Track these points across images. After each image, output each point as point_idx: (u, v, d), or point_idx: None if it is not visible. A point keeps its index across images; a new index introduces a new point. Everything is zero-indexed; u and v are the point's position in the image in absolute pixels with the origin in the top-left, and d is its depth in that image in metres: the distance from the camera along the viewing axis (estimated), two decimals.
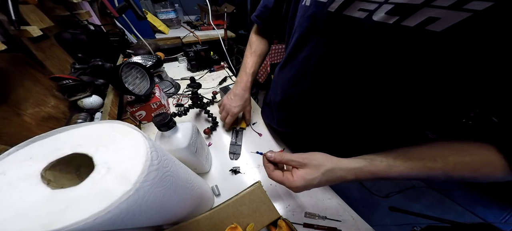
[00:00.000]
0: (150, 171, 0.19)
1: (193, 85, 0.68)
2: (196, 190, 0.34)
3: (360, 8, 0.29)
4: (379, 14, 0.27)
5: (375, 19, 0.28)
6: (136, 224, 0.19)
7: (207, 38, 1.53)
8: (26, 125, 0.45)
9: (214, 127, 0.67)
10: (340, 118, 0.42)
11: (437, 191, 1.55)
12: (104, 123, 0.23)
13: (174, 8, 1.67)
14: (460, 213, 1.42)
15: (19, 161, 0.19)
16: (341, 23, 0.32)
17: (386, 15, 0.27)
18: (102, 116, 0.57)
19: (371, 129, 0.41)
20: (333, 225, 0.43)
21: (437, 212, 1.38)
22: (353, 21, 0.30)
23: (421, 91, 0.30)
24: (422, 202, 1.48)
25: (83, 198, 0.16)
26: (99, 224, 0.15)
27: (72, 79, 0.56)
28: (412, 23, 0.25)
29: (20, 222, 0.15)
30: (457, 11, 0.21)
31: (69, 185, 0.17)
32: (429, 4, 0.23)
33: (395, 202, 1.46)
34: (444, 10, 0.22)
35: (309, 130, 0.50)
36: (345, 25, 0.32)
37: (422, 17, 0.24)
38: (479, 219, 1.38)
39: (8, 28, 0.47)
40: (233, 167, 0.54)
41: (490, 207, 1.45)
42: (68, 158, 0.19)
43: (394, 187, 1.57)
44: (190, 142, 0.42)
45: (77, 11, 0.71)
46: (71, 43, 0.66)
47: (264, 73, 2.04)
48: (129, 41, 1.09)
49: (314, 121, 0.47)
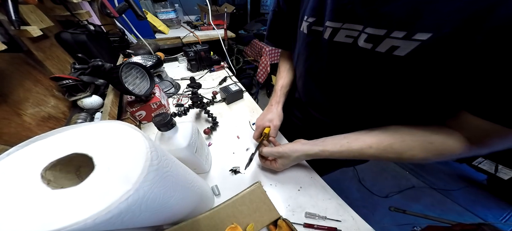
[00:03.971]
0: (150, 171, 0.19)
1: (193, 85, 0.68)
2: (196, 190, 0.34)
3: (346, 35, 0.36)
4: (361, 41, 0.33)
5: (360, 45, 0.34)
6: (136, 224, 0.19)
7: (207, 38, 1.53)
8: (26, 125, 0.45)
9: (214, 127, 0.67)
10: (342, 116, 0.50)
11: (437, 191, 1.55)
12: (104, 122, 0.23)
13: (174, 8, 1.67)
14: (460, 213, 1.42)
15: (19, 161, 0.19)
16: (334, 47, 0.39)
17: (364, 42, 0.33)
18: (102, 116, 0.57)
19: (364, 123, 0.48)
20: (333, 225, 0.43)
21: (437, 212, 1.38)
22: (343, 45, 0.37)
23: (401, 99, 0.36)
24: (422, 202, 1.48)
25: (83, 198, 0.16)
26: (99, 224, 0.15)
27: (72, 79, 0.56)
28: (383, 49, 0.31)
29: (20, 222, 0.15)
30: (409, 41, 0.27)
31: (69, 185, 0.17)
32: (388, 36, 0.29)
33: (395, 202, 1.46)
34: (400, 40, 0.28)
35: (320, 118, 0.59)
36: (338, 49, 0.38)
37: (387, 45, 0.30)
38: (479, 219, 1.38)
39: (8, 28, 0.47)
40: (233, 167, 0.54)
41: (490, 207, 1.45)
42: (68, 158, 0.19)
43: (394, 187, 1.57)
44: (190, 142, 0.42)
45: (77, 11, 0.71)
46: (71, 43, 0.66)
47: (264, 73, 2.04)
48: (129, 41, 1.09)
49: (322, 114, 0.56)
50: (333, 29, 0.37)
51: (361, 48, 0.33)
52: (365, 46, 0.33)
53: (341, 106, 0.48)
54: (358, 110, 0.45)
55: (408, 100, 0.35)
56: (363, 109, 0.44)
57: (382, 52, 0.31)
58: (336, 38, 0.37)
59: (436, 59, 0.27)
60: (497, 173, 1.48)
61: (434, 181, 1.61)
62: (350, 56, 0.37)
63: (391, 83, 0.34)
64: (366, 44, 0.32)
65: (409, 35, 0.27)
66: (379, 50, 0.31)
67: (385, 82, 0.35)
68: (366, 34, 0.32)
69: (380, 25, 0.29)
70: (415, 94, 0.33)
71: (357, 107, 0.45)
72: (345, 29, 0.35)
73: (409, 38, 0.27)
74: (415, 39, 0.26)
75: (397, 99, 0.36)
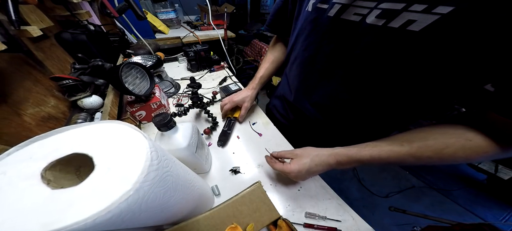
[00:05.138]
0: (150, 171, 0.18)
1: (193, 85, 0.68)
2: (196, 190, 0.34)
3: (354, 12, 0.35)
4: (371, 17, 0.33)
5: (368, 22, 0.33)
6: (136, 224, 0.19)
7: (207, 38, 1.53)
8: (26, 125, 0.45)
9: (214, 127, 0.67)
10: (344, 108, 0.48)
11: (437, 191, 1.55)
12: (104, 123, 0.23)
13: (174, 8, 1.67)
14: (460, 213, 1.42)
15: (19, 161, 0.19)
16: (340, 26, 0.38)
17: (375, 19, 0.32)
18: (102, 116, 0.57)
19: (368, 117, 0.47)
20: (333, 225, 0.43)
21: (437, 212, 1.38)
22: (350, 24, 0.36)
23: (410, 81, 0.34)
24: (422, 202, 1.48)
25: (83, 198, 0.16)
26: (99, 224, 0.15)
27: (72, 79, 0.56)
28: (396, 25, 0.30)
29: (20, 222, 0.15)
30: (428, 14, 0.26)
31: (69, 185, 0.17)
32: (406, 9, 0.28)
33: (395, 202, 1.46)
34: (419, 13, 0.27)
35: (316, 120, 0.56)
36: (344, 28, 0.37)
37: (403, 19, 0.29)
38: (479, 219, 1.38)
39: (8, 28, 0.47)
40: (233, 167, 0.54)
41: (490, 207, 1.45)
42: (68, 158, 0.19)
43: (394, 187, 1.57)
44: (190, 142, 0.42)
45: (77, 11, 0.71)
46: (71, 43, 0.66)
47: None
48: (129, 41, 1.09)
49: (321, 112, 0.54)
50: (342, 6, 0.36)
51: (369, 26, 0.33)
52: (375, 22, 0.32)
53: (338, 94, 0.46)
54: (355, 99, 0.44)
55: (414, 85, 0.34)
56: (361, 96, 0.43)
57: (395, 27, 0.30)
58: (343, 16, 0.36)
59: (453, 36, 0.26)
60: (497, 173, 1.48)
61: (434, 181, 1.61)
62: (353, 35, 0.36)
63: (396, 62, 0.33)
64: (377, 21, 0.32)
65: (430, 8, 0.26)
66: (392, 25, 0.30)
67: (390, 61, 0.34)
68: (379, 9, 0.31)
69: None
70: (423, 77, 0.32)
71: (355, 94, 0.43)
72: (355, 6, 0.34)
73: (429, 12, 0.26)
74: (435, 12, 0.26)
75: (402, 83, 0.35)
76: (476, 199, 1.50)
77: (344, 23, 0.36)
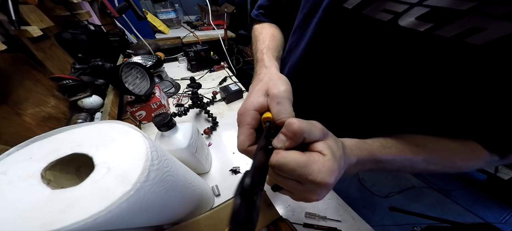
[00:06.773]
0: (151, 171, 0.19)
1: (193, 85, 0.68)
2: (196, 190, 0.34)
3: (384, 8, 0.25)
4: (408, 18, 0.23)
5: (402, 24, 0.24)
6: (137, 224, 0.19)
7: (207, 38, 1.53)
8: (26, 125, 0.45)
9: (214, 127, 0.67)
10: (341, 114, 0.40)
11: (437, 191, 1.55)
12: (104, 123, 0.23)
13: (174, 8, 1.67)
14: (460, 213, 1.42)
15: (19, 161, 0.19)
16: (357, 24, 0.28)
17: (416, 21, 0.23)
18: (102, 116, 0.57)
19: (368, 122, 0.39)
20: (333, 225, 0.43)
21: (437, 212, 1.38)
22: (372, 23, 0.26)
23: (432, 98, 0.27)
24: (422, 202, 1.48)
25: (83, 198, 0.16)
26: (99, 224, 0.15)
27: (72, 79, 0.56)
28: (448, 33, 0.21)
29: (20, 222, 0.15)
30: (510, 22, 0.18)
31: (69, 185, 0.17)
32: (478, 12, 0.19)
33: (395, 202, 1.45)
34: (494, 19, 0.18)
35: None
36: (363, 27, 0.27)
37: (464, 26, 0.20)
38: (479, 219, 1.38)
39: (8, 28, 0.47)
40: (233, 167, 0.54)
41: (490, 207, 1.45)
42: (68, 158, 0.19)
43: (394, 187, 1.57)
44: (190, 142, 0.42)
45: (77, 11, 0.71)
46: (71, 43, 0.66)
47: None
48: (129, 41, 1.09)
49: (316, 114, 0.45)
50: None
51: (403, 30, 0.24)
52: (415, 26, 0.23)
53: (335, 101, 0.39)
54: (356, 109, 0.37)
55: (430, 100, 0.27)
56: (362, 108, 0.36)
57: (446, 36, 0.21)
58: (366, 11, 0.26)
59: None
60: (497, 173, 1.48)
61: (434, 181, 1.61)
62: (377, 40, 0.27)
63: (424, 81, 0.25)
64: (417, 24, 0.23)
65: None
66: (441, 33, 0.21)
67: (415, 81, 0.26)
68: (426, 8, 0.21)
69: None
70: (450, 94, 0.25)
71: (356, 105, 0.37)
72: (387, 1, 0.24)
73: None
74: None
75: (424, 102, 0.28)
76: (476, 199, 1.50)
77: (363, 20, 0.27)
